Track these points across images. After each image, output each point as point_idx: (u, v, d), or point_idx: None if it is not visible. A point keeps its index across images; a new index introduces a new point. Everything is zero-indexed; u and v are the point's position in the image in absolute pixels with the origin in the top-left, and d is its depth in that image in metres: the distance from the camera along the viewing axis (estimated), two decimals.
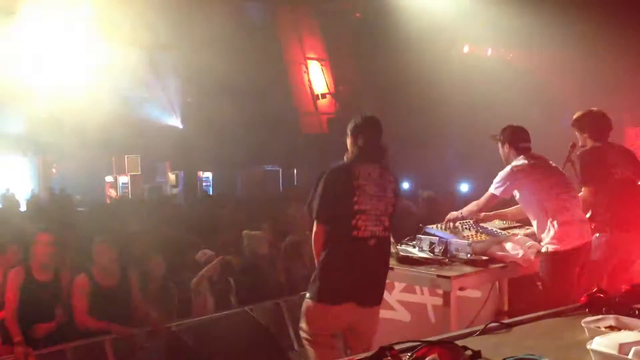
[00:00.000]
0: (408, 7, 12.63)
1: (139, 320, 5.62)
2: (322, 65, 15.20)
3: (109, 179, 20.78)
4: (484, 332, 2.37)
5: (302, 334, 3.85)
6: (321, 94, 15.29)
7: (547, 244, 4.23)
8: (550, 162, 4.59)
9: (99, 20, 12.31)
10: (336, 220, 3.75)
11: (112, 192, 19.75)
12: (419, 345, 2.01)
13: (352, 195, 3.71)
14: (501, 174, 4.47)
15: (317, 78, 15.30)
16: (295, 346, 5.93)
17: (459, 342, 2.08)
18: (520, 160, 4.45)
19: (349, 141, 3.97)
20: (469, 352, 1.98)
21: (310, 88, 15.11)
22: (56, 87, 14.95)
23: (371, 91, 15.77)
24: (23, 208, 14.00)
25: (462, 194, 13.32)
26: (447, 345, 1.99)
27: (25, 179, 21.98)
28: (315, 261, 3.85)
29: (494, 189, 4.46)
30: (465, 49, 13.45)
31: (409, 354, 1.98)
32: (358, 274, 3.71)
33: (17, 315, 5.19)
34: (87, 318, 5.36)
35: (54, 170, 20.82)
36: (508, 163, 4.51)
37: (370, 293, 3.81)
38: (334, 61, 15.30)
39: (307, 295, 3.81)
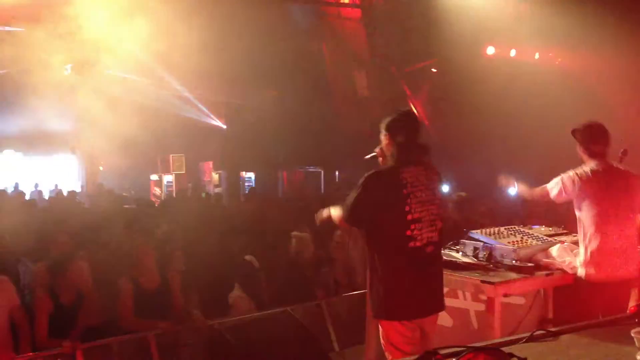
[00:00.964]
0: (450, 8, 12.52)
1: (181, 318, 5.71)
2: (365, 66, 15.17)
3: (154, 177, 21.14)
4: (530, 339, 2.34)
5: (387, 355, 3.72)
6: (364, 96, 15.26)
7: (578, 266, 4.08)
8: (627, 173, 4.18)
9: (145, 21, 12.50)
10: (389, 231, 3.54)
11: (157, 191, 20.07)
12: (464, 350, 2.01)
13: (404, 204, 3.48)
14: (560, 177, 4.24)
15: (360, 79, 15.29)
16: (336, 347, 5.95)
17: (505, 349, 2.06)
18: (584, 168, 4.16)
19: (385, 140, 3.74)
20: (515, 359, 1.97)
21: (353, 89, 15.09)
22: (104, 86, 15.26)
23: (414, 92, 15.72)
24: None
25: (508, 197, 13.14)
26: (493, 352, 1.98)
27: (73, 176, 22.55)
28: (368, 273, 3.66)
29: (550, 188, 4.30)
30: (512, 53, 13.26)
31: (453, 359, 1.97)
32: (422, 286, 3.56)
33: None
34: (134, 320, 5.46)
35: (100, 168, 21.26)
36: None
37: (435, 301, 3.68)
38: (378, 63, 15.26)
39: (375, 314, 3.67)
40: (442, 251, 4.26)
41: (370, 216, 3.56)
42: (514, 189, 4.54)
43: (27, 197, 15.39)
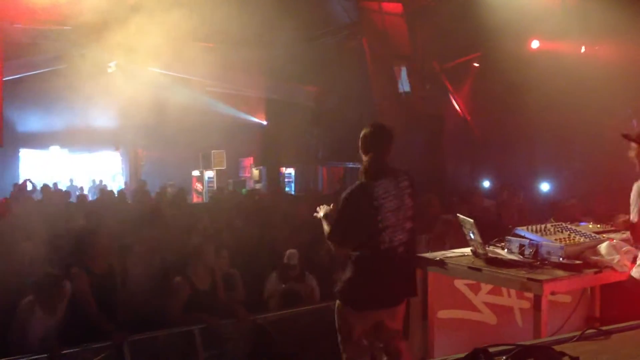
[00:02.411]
0: (493, 1, 12.33)
1: (227, 314, 5.79)
2: (407, 62, 15.08)
3: (195, 173, 21.41)
4: (581, 338, 2.30)
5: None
6: (405, 92, 15.17)
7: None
8: None
9: (186, 18, 12.63)
10: (364, 237, 4.06)
11: (199, 186, 20.32)
12: (515, 348, 1.99)
13: (376, 215, 4.01)
14: (633, 196, 4.08)
15: (402, 75, 15.20)
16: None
17: (556, 348, 2.04)
18: None
19: (362, 155, 4.28)
20: (566, 358, 1.94)
21: (395, 86, 15.01)
22: (147, 83, 15.49)
23: (456, 89, 15.57)
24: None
25: (543, 193, 12.98)
26: (544, 350, 1.96)
27: (117, 171, 22.99)
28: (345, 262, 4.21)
29: (633, 215, 4.10)
30: (558, 47, 13.02)
31: (503, 357, 1.96)
32: (387, 283, 4.05)
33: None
34: (182, 316, 5.57)
35: (143, 164, 21.62)
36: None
37: (398, 296, 4.19)
38: (419, 58, 15.15)
39: (338, 296, 4.22)
40: (488, 248, 4.25)
41: (349, 232, 4.12)
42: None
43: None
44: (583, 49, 12.35)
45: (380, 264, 4.05)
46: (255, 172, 21.43)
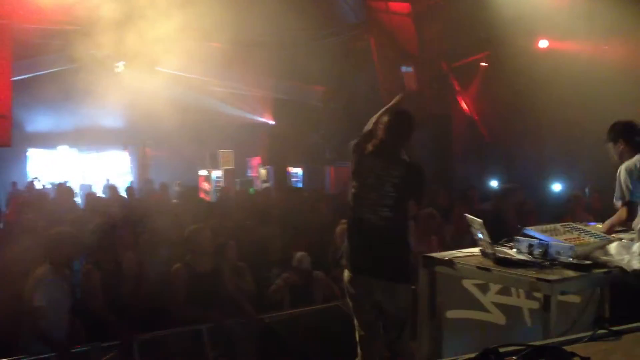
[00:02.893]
0: (501, 0, 12.28)
1: (233, 310, 5.80)
2: (414, 62, 15.02)
3: (202, 172, 21.44)
4: (592, 338, 2.29)
5: None
6: (412, 91, 15.13)
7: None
8: None
9: (194, 18, 12.64)
10: (350, 202, 4.54)
11: (206, 185, 20.33)
12: (525, 348, 1.98)
13: (355, 179, 4.49)
14: (620, 181, 4.32)
15: (409, 75, 15.16)
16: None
17: (566, 348, 2.03)
18: (634, 159, 4.26)
19: None
20: (577, 359, 1.93)
21: (402, 85, 14.96)
22: (154, 83, 15.51)
23: (464, 88, 15.53)
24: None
25: (554, 193, 12.94)
26: (555, 351, 1.95)
27: (125, 170, 23.06)
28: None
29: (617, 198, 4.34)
30: (566, 46, 12.96)
31: (514, 357, 1.95)
32: (363, 250, 4.44)
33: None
34: (185, 308, 5.56)
35: (151, 163, 21.66)
36: (622, 161, 4.32)
37: (380, 270, 4.39)
38: (427, 58, 15.10)
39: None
40: (496, 248, 4.23)
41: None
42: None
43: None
44: (591, 49, 12.29)
45: (356, 230, 4.47)
46: (263, 171, 21.43)
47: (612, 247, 4.04)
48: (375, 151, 4.45)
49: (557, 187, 13.21)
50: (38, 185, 17.13)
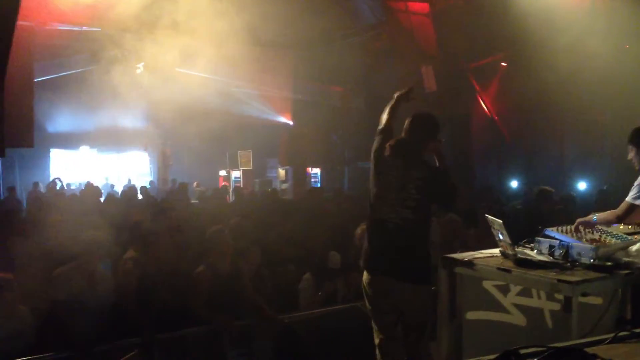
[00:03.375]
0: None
1: (253, 311, 5.82)
2: (433, 62, 14.98)
3: (222, 172, 21.54)
4: (614, 340, 2.27)
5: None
6: (432, 92, 15.07)
7: None
8: None
9: (213, 20, 12.71)
10: (370, 203, 4.48)
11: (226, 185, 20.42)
12: (546, 350, 1.97)
13: (376, 180, 4.43)
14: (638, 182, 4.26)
15: (428, 75, 15.10)
16: None
17: (588, 350, 2.02)
18: None
19: None
20: None
21: (421, 86, 14.92)
22: (174, 84, 15.60)
23: (484, 88, 15.45)
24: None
25: (579, 192, 12.82)
26: (576, 352, 1.93)
27: (145, 171, 23.24)
28: None
29: (632, 198, 4.26)
30: (589, 43, 12.84)
31: (535, 359, 1.94)
32: (382, 251, 4.36)
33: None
34: (205, 310, 5.59)
35: (171, 164, 21.81)
36: None
37: (397, 268, 4.30)
38: (446, 58, 15.04)
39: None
40: (517, 249, 4.20)
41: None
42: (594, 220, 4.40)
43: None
44: (611, 48, 12.18)
45: (377, 231, 4.39)
46: (282, 172, 21.48)
47: (635, 248, 3.99)
48: (395, 152, 4.39)
49: (582, 185, 13.10)
50: (58, 186, 17.29)
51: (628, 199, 4.29)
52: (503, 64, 14.80)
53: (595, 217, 4.38)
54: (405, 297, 4.30)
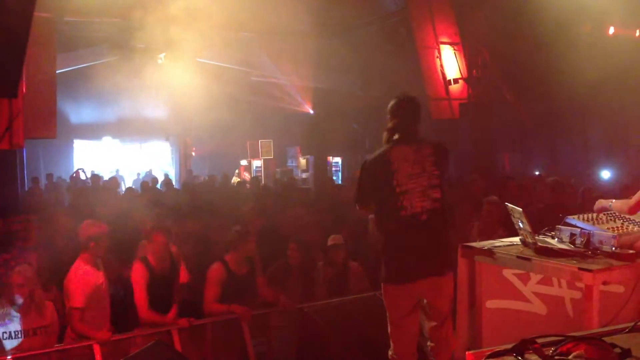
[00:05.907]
0: None
1: (269, 302, 5.84)
2: (455, 49, 14.81)
3: (243, 162, 21.61)
4: (633, 329, 2.23)
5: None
6: (453, 79, 14.92)
7: None
8: None
9: (233, 9, 12.71)
10: (384, 204, 4.15)
11: (247, 175, 20.49)
12: (564, 339, 1.94)
13: (391, 179, 4.08)
14: None
15: (450, 62, 14.94)
16: (425, 332, 5.90)
17: (607, 339, 1.98)
18: None
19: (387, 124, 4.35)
20: (617, 350, 1.88)
21: (442, 73, 14.77)
22: (195, 73, 15.65)
23: (506, 76, 15.26)
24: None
25: (604, 181, 12.65)
26: (594, 342, 1.90)
27: (167, 161, 23.40)
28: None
29: None
30: (611, 31, 12.63)
31: (552, 349, 1.91)
32: (413, 252, 4.08)
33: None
34: (214, 305, 5.61)
35: (193, 154, 21.92)
36: None
37: (430, 265, 4.12)
38: (467, 45, 14.86)
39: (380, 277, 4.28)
40: (537, 237, 4.14)
41: (370, 195, 4.27)
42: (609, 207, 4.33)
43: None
44: (638, 33, 11.97)
45: (404, 232, 4.11)
46: (303, 161, 21.49)
47: None
48: (400, 139, 4.22)
49: (605, 174, 12.92)
50: (82, 177, 17.47)
51: None
52: (526, 50, 14.58)
53: (611, 204, 4.32)
54: (431, 290, 4.20)
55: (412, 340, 4.31)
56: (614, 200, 4.34)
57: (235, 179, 18.20)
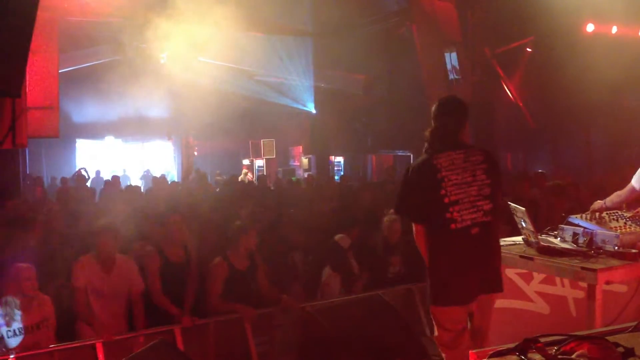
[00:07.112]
0: None
1: (271, 301, 5.84)
2: (457, 49, 14.82)
3: (245, 161, 21.64)
4: (636, 329, 2.23)
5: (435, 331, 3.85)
6: (455, 79, 14.94)
7: None
8: None
9: (235, 8, 12.73)
10: (431, 216, 3.70)
11: (249, 175, 20.49)
12: (567, 339, 1.95)
13: (439, 188, 3.65)
14: None
15: (452, 62, 14.97)
16: (428, 332, 5.91)
17: (610, 338, 1.99)
18: None
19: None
20: (620, 349, 1.89)
21: (445, 72, 14.79)
22: (197, 74, 15.67)
23: (508, 76, 15.27)
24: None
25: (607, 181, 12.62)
26: (597, 341, 1.91)
27: (169, 160, 23.42)
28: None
29: (635, 181, 4.26)
30: (614, 30, 12.63)
31: (555, 348, 1.92)
32: (468, 268, 3.65)
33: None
34: (219, 302, 5.62)
35: (195, 153, 21.94)
36: None
37: (485, 283, 3.72)
38: (469, 45, 14.87)
39: (428, 297, 3.81)
40: (540, 236, 4.14)
41: (415, 205, 3.78)
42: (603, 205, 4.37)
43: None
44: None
45: (454, 248, 3.66)
46: (305, 160, 21.50)
47: None
48: (446, 144, 3.78)
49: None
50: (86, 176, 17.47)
51: (632, 181, 4.33)
52: (528, 49, 14.59)
53: (605, 201, 4.36)
54: (483, 308, 3.83)
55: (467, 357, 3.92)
56: (606, 199, 4.37)
57: (244, 177, 18.18)
